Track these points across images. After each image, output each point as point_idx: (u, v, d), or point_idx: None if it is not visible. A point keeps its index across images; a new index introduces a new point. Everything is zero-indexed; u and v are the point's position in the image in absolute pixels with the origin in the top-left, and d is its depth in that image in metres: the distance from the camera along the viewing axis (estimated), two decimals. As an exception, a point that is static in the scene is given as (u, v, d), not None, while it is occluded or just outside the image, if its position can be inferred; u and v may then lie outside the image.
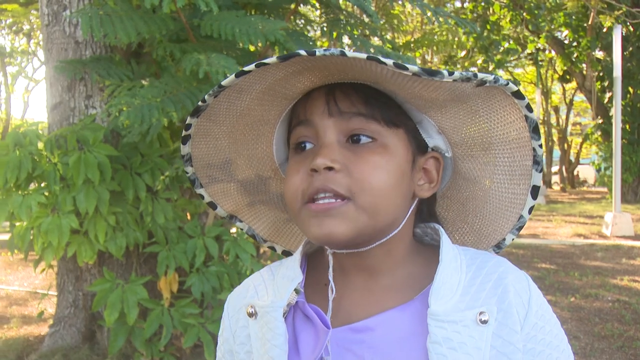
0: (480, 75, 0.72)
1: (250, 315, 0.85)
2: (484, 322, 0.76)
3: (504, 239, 0.92)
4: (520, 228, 0.90)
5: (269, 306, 0.83)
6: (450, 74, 0.70)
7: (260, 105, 0.81)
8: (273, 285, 0.87)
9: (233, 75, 0.73)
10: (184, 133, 0.83)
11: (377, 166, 0.77)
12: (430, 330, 0.76)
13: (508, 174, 0.86)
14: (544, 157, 0.86)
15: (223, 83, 0.74)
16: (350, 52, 0.68)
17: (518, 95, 0.77)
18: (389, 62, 0.67)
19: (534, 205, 0.87)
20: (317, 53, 0.69)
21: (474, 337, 0.76)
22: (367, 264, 0.84)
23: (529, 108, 0.78)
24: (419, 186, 0.85)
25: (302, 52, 0.69)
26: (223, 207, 0.95)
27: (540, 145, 0.83)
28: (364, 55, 0.68)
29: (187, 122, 0.82)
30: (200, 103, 0.79)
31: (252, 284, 0.91)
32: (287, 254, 1.01)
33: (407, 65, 0.68)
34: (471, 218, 0.93)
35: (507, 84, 0.74)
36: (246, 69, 0.71)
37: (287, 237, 1.00)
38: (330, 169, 0.76)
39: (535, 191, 0.86)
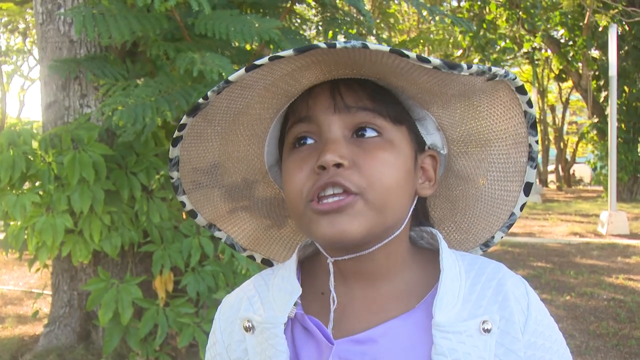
0: (494, 69, 0.72)
1: (247, 329, 0.82)
2: (487, 330, 0.75)
3: (493, 237, 0.91)
4: (510, 226, 0.89)
5: (268, 322, 0.80)
6: (469, 67, 0.69)
7: (260, 103, 0.78)
8: (269, 298, 0.84)
9: (243, 69, 0.69)
10: (176, 134, 0.79)
11: (386, 162, 0.75)
12: (435, 341, 0.74)
13: (502, 171, 0.85)
14: (540, 155, 0.86)
15: (231, 78, 0.70)
16: (372, 45, 0.65)
17: (521, 90, 0.77)
18: (412, 55, 0.66)
19: (525, 202, 0.86)
20: (338, 45, 0.66)
21: (478, 346, 0.75)
22: (367, 269, 0.81)
23: (529, 104, 0.78)
24: (420, 185, 0.83)
25: (322, 45, 0.66)
26: (203, 215, 0.91)
27: (537, 142, 0.82)
28: (386, 48, 0.66)
29: (182, 121, 0.77)
30: (201, 100, 0.74)
31: (245, 295, 0.88)
32: (266, 262, 0.98)
33: (430, 59, 0.67)
34: (459, 217, 0.91)
35: (515, 78, 0.74)
36: (258, 62, 0.68)
37: (267, 244, 0.97)
38: (339, 165, 0.73)
39: (527, 188, 0.85)
